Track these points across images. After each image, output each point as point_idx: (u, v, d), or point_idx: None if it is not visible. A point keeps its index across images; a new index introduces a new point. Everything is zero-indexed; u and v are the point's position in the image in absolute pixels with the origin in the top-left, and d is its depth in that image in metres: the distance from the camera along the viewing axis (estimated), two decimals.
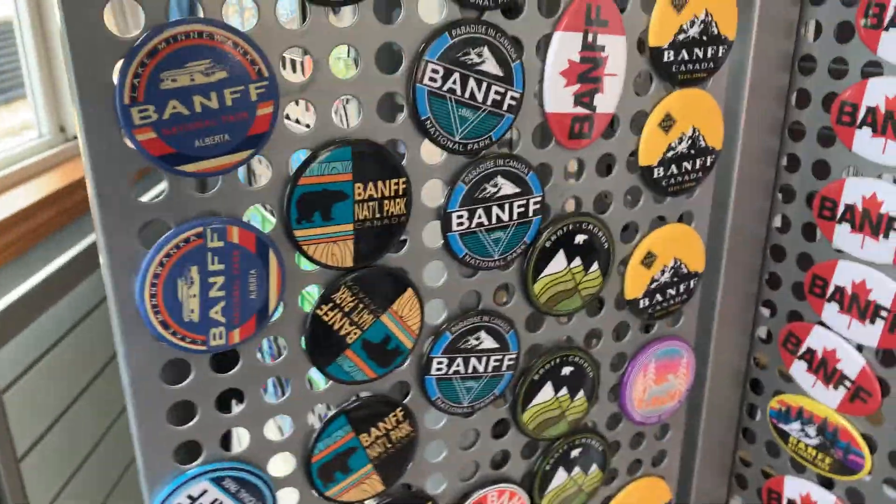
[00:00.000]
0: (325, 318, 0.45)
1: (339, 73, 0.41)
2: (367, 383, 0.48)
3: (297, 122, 0.53)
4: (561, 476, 0.59)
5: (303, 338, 0.45)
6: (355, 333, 0.46)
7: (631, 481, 0.65)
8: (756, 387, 0.72)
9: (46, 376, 1.23)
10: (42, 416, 1.31)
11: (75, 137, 1.28)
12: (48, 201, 1.14)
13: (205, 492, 0.44)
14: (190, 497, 0.44)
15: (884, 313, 0.59)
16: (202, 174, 0.38)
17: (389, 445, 0.50)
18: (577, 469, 0.60)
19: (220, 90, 0.37)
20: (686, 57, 0.52)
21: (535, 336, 0.55)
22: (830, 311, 0.63)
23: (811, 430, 0.67)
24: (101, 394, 1.55)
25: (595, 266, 0.54)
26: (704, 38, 0.52)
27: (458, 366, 0.51)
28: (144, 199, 0.38)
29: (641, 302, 0.58)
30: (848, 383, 0.63)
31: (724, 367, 0.71)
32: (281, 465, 0.48)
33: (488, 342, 0.51)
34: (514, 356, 0.53)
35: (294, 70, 0.56)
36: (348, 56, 0.47)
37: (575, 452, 0.59)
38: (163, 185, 0.38)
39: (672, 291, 0.59)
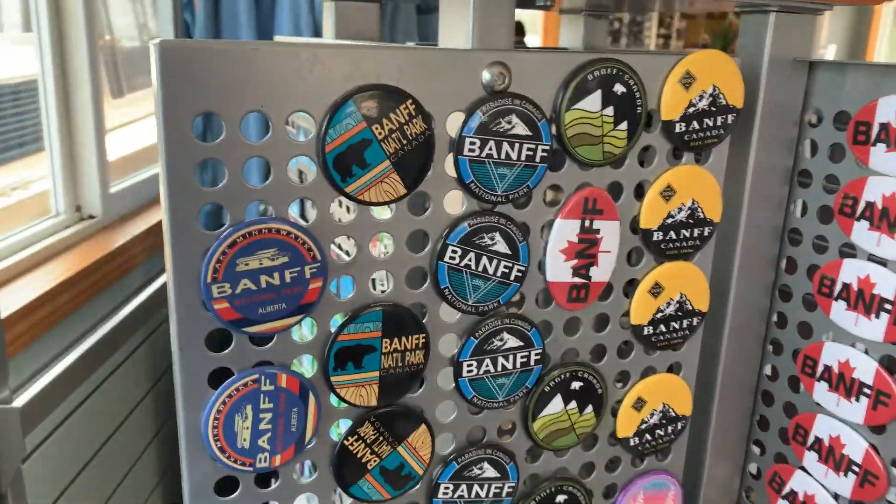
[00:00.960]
0: (351, 448, 0.54)
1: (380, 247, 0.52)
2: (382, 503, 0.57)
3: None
4: None
5: (331, 463, 0.54)
6: (375, 461, 0.55)
7: None
8: None
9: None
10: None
11: (91, 217, 1.38)
12: (66, 284, 1.17)
13: None
14: None
15: (855, 468, 0.65)
16: (261, 334, 0.49)
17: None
18: None
19: (282, 271, 0.48)
20: (673, 236, 0.61)
21: (534, 467, 0.62)
22: (810, 458, 0.69)
23: None
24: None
25: (589, 408, 0.62)
26: (691, 221, 0.61)
27: (462, 491, 0.59)
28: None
29: (632, 440, 0.65)
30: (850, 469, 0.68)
31: (717, 502, 0.77)
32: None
33: (490, 472, 0.60)
34: (513, 485, 0.61)
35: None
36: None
37: None
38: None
39: (661, 432, 0.66)
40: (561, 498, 0.63)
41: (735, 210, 0.67)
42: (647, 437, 0.66)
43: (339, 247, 0.54)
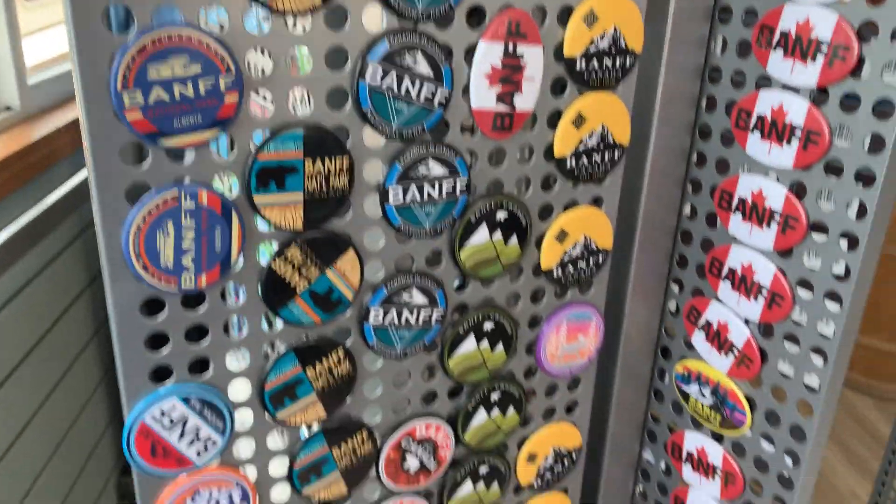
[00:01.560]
0: (279, 271, 0.54)
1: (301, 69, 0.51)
2: (314, 327, 0.58)
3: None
4: (482, 416, 0.70)
5: (259, 285, 0.55)
6: (304, 284, 0.56)
7: (545, 425, 0.75)
8: (666, 353, 0.83)
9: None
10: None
11: (7, 108, 1.33)
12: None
13: (174, 408, 0.54)
14: (161, 411, 0.54)
15: (764, 292, 0.69)
16: (178, 148, 0.48)
17: (332, 380, 0.60)
18: (496, 411, 0.70)
19: (196, 81, 0.47)
20: (596, 66, 0.61)
21: (462, 296, 0.65)
22: (724, 288, 0.73)
23: (707, 392, 0.77)
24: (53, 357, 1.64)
25: (514, 239, 0.64)
26: (613, 50, 0.61)
27: (392, 317, 0.61)
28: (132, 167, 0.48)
29: (555, 272, 0.68)
30: (736, 351, 0.73)
31: (638, 336, 0.81)
32: (239, 390, 0.58)
33: (419, 299, 0.61)
34: (442, 312, 0.63)
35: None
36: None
37: (495, 396, 0.70)
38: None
39: (583, 264, 0.69)
40: (488, 325, 0.66)
41: (657, 49, 0.68)
42: (570, 268, 0.68)
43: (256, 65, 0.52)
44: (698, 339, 0.77)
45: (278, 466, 0.62)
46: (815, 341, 0.66)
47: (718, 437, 0.78)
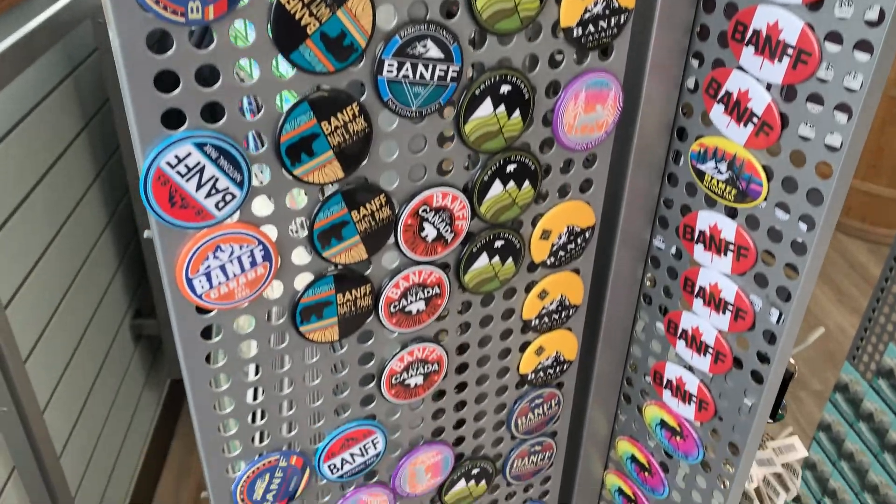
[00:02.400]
0: (288, 6, 0.52)
1: None
2: (327, 76, 0.56)
3: None
4: (498, 188, 0.69)
5: (268, 24, 0.52)
6: (314, 25, 0.53)
7: (560, 203, 0.75)
8: (682, 134, 0.81)
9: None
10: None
11: None
12: None
13: (189, 154, 0.53)
14: (176, 157, 0.53)
15: (790, 51, 0.66)
16: None
17: (347, 137, 0.59)
18: (511, 183, 0.70)
19: None
20: None
21: (478, 54, 0.62)
22: (747, 54, 0.70)
23: (723, 167, 0.77)
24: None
25: None
26: None
27: (406, 70, 0.58)
28: None
29: (575, 31, 0.65)
30: (755, 119, 0.72)
31: (654, 116, 0.79)
32: (253, 144, 0.56)
33: (434, 51, 0.59)
34: (457, 69, 0.61)
35: None
36: None
37: (511, 167, 0.69)
38: None
39: (604, 24, 0.66)
40: (505, 88, 0.64)
41: None
42: (591, 27, 0.65)
43: None
44: (717, 112, 0.75)
45: (298, 227, 0.62)
46: (839, 97, 0.65)
47: (732, 213, 0.78)
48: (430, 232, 0.68)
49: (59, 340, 1.55)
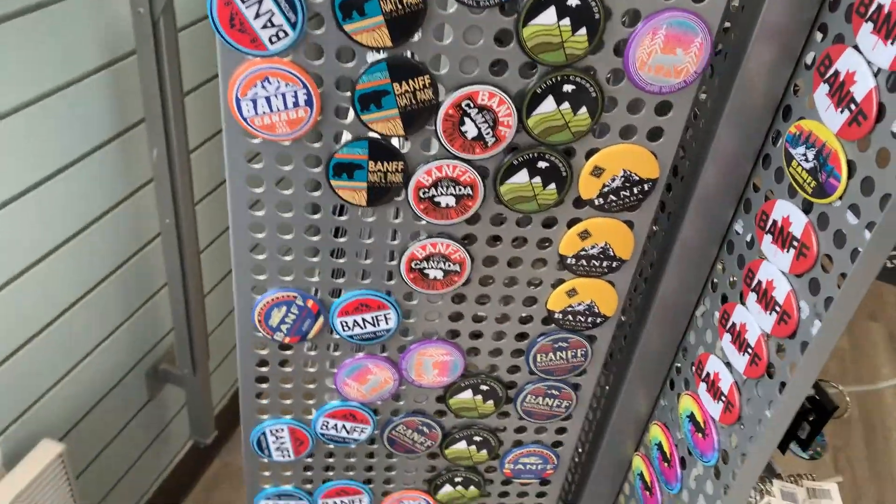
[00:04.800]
0: None
1: None
2: None
3: None
4: (550, 104, 0.69)
5: None
6: None
7: (621, 143, 0.73)
8: (787, 114, 0.74)
9: None
10: None
11: None
12: None
13: None
14: None
15: None
16: None
17: (400, 7, 0.62)
18: (566, 104, 0.69)
19: None
20: None
21: None
22: (865, 31, 0.62)
23: (810, 154, 0.69)
24: None
25: None
26: None
27: None
28: None
29: None
30: (853, 106, 0.64)
31: (759, 85, 0.73)
32: None
33: None
34: None
35: None
36: None
37: (568, 87, 0.68)
38: None
39: None
40: (574, 1, 0.63)
41: None
42: None
43: None
44: (821, 93, 0.68)
45: (343, 85, 0.67)
46: None
47: (808, 208, 0.71)
48: (470, 129, 0.70)
49: None
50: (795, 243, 0.72)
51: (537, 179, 0.74)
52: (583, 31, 0.65)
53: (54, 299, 1.23)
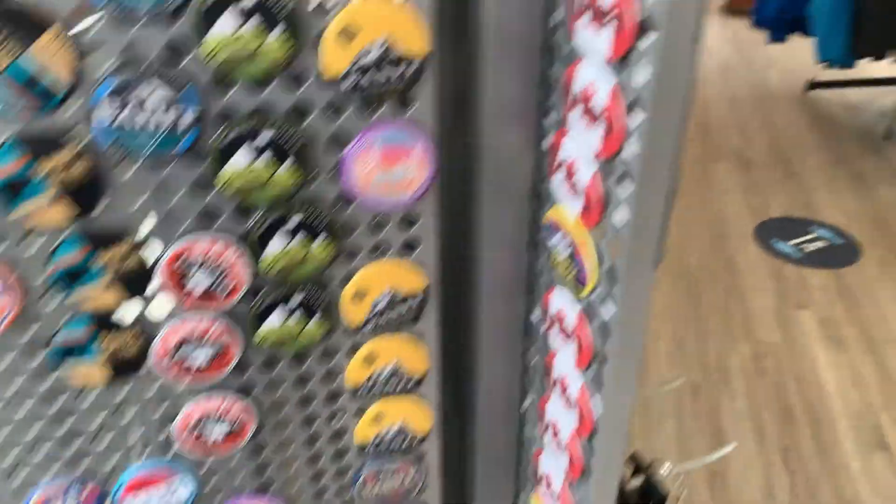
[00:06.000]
0: None
1: None
2: (37, 114, 0.54)
3: None
4: (279, 242, 0.63)
5: None
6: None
7: (376, 262, 0.68)
8: (541, 197, 0.70)
9: None
10: None
11: None
12: None
13: None
14: None
15: (603, 116, 0.55)
16: None
17: (68, 179, 0.56)
18: (299, 238, 0.64)
19: None
20: None
21: (224, 101, 0.57)
22: (574, 117, 0.59)
23: (564, 244, 0.65)
24: None
25: (277, 32, 0.54)
26: None
27: (127, 116, 0.55)
28: None
29: (346, 80, 0.57)
30: (581, 191, 0.60)
31: (510, 174, 0.69)
32: None
33: (159, 98, 0.55)
34: (193, 116, 0.56)
35: None
36: None
37: (293, 222, 0.63)
38: None
39: (384, 74, 0.58)
40: (265, 137, 0.58)
41: None
42: (368, 77, 0.58)
43: None
44: (557, 180, 0.64)
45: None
46: None
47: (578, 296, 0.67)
48: (197, 283, 0.64)
49: None
50: (574, 336, 0.67)
51: (295, 317, 0.68)
52: (288, 164, 0.60)
53: None
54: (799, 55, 3.51)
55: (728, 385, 2.22)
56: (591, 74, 0.55)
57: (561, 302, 0.68)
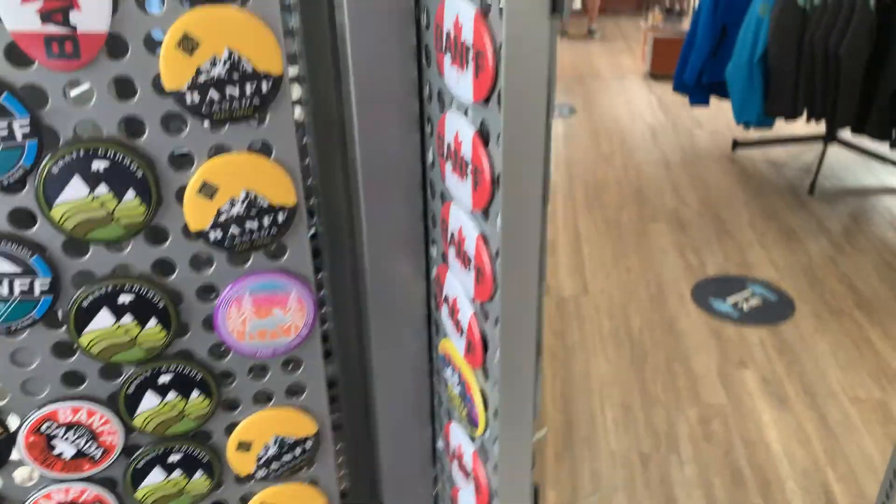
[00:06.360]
0: None
1: None
2: None
3: None
4: (152, 400, 0.60)
5: None
6: None
7: (259, 411, 0.64)
8: (438, 328, 0.68)
9: None
10: None
11: None
12: None
13: None
14: None
15: (474, 262, 0.54)
16: None
17: None
18: (172, 394, 0.60)
19: None
20: None
21: (81, 263, 0.54)
22: (454, 262, 0.58)
23: (456, 379, 0.63)
24: None
25: (131, 194, 0.52)
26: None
27: None
28: None
29: (211, 234, 0.55)
30: (464, 331, 0.58)
31: (406, 314, 0.67)
32: None
33: (7, 266, 0.52)
34: (46, 281, 0.53)
35: None
36: None
37: (164, 378, 0.59)
38: None
39: (253, 224, 0.56)
40: (125, 298, 0.55)
41: None
42: (234, 229, 0.56)
43: None
44: (445, 314, 0.63)
45: None
46: None
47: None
48: (65, 448, 0.59)
49: None
50: (471, 476, 0.64)
51: (177, 473, 0.64)
52: (153, 322, 0.57)
53: None
54: (723, 116, 3.64)
55: (677, 452, 2.21)
56: (460, 219, 0.54)
57: (458, 438, 0.66)
